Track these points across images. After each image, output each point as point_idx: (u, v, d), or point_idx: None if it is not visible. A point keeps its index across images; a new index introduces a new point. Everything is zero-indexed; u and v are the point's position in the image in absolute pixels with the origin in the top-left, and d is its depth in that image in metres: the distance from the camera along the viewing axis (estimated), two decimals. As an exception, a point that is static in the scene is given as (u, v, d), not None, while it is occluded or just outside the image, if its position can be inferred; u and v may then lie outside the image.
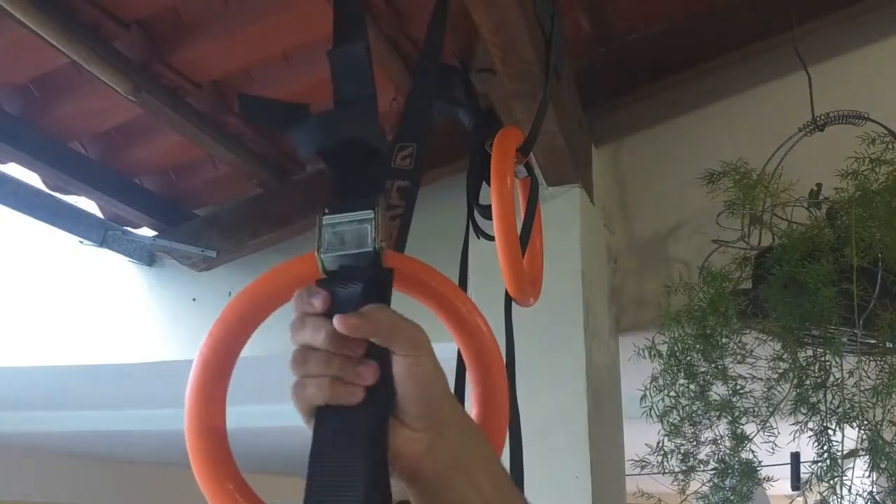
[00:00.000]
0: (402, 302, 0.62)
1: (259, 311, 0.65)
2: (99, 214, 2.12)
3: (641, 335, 1.54)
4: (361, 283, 0.59)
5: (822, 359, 1.39)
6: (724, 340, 1.46)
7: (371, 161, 0.66)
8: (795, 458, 1.57)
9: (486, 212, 1.01)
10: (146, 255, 2.26)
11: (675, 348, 1.48)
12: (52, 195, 1.96)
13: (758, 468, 1.47)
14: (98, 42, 1.44)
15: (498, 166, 1.01)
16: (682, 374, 1.47)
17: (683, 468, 1.49)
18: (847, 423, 1.34)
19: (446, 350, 0.66)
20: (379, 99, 0.69)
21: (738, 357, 1.47)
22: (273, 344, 0.81)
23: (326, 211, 0.61)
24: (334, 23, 0.69)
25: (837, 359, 1.35)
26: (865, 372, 1.37)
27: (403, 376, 0.56)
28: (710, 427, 1.48)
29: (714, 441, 1.48)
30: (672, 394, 1.47)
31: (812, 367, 1.40)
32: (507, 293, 0.99)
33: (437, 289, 0.64)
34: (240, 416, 3.31)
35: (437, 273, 0.65)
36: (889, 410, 1.34)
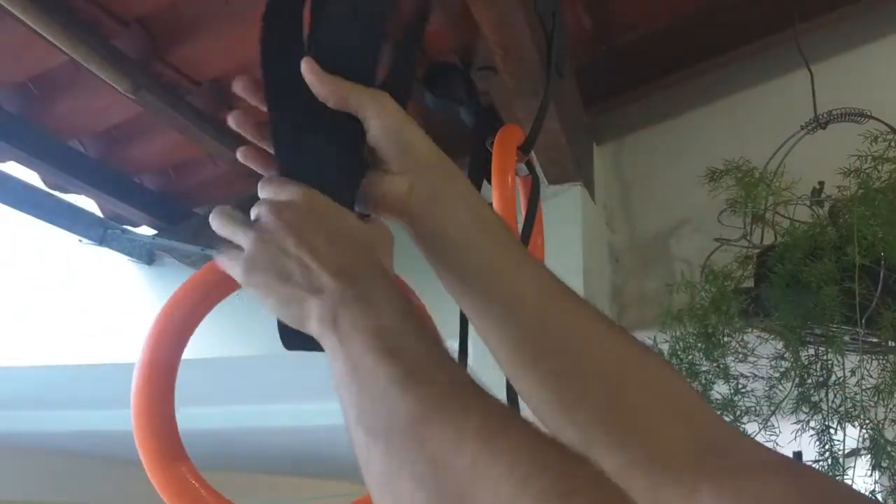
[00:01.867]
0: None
1: (199, 306, 0.68)
2: (98, 213, 2.12)
3: (643, 334, 1.53)
4: None
5: (824, 358, 1.39)
6: (725, 339, 1.46)
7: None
8: (797, 457, 1.56)
9: (488, 210, 1.01)
10: (146, 254, 2.26)
11: (677, 347, 1.47)
12: (51, 194, 1.95)
13: (760, 467, 1.47)
14: (97, 40, 1.43)
15: (499, 165, 1.00)
16: (684, 373, 1.47)
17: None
18: (849, 422, 1.34)
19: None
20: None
21: (740, 356, 1.46)
22: (266, 345, 0.81)
23: None
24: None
25: (839, 357, 1.35)
26: (867, 371, 1.36)
27: (373, 130, 0.63)
28: (712, 426, 1.47)
29: (716, 440, 1.48)
30: (674, 393, 1.47)
31: (814, 366, 1.39)
32: (508, 292, 0.99)
33: None
34: (236, 416, 3.31)
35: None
36: (891, 409, 1.33)
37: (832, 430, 1.35)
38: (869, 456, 1.33)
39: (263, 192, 0.65)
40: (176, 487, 0.63)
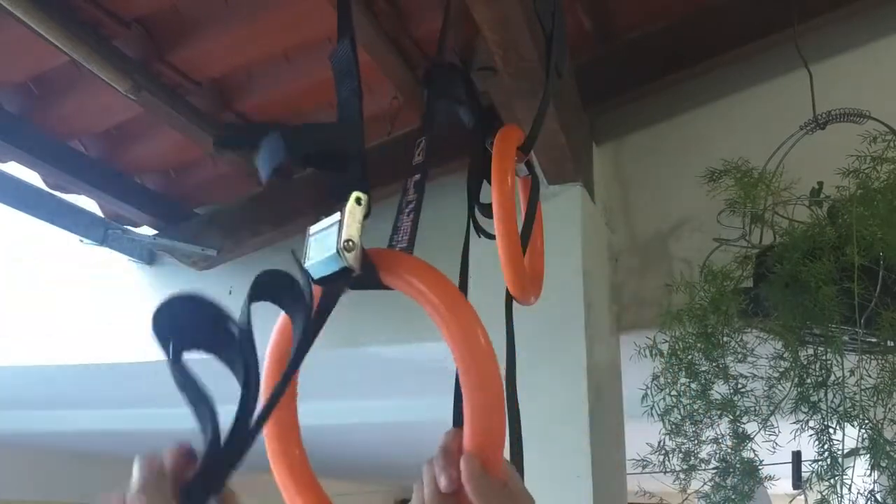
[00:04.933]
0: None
1: None
2: (99, 213, 2.12)
3: (642, 334, 1.53)
4: (338, 286, 0.62)
5: (823, 357, 1.39)
6: (725, 339, 1.46)
7: (344, 163, 0.67)
8: (796, 456, 1.56)
9: (487, 210, 1.01)
10: (146, 254, 2.26)
11: (677, 347, 1.47)
12: (52, 194, 1.96)
13: (759, 467, 1.47)
14: (98, 40, 1.43)
15: (499, 165, 1.00)
16: (684, 372, 1.47)
17: (685, 467, 1.48)
18: (848, 421, 1.34)
19: (446, 349, 0.66)
20: (379, 97, 0.70)
21: (740, 356, 1.46)
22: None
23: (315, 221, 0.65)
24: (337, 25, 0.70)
25: (838, 357, 1.35)
26: (866, 371, 1.36)
27: None
28: (712, 426, 1.47)
29: (715, 440, 1.48)
30: (673, 393, 1.47)
31: (813, 366, 1.40)
32: (507, 292, 0.99)
33: (421, 287, 0.64)
34: (229, 415, 3.31)
35: (425, 270, 0.65)
36: (890, 409, 1.33)
37: (831, 430, 1.35)
38: (868, 456, 1.33)
39: None
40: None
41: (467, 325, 0.62)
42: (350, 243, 0.61)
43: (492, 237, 1.00)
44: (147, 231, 2.17)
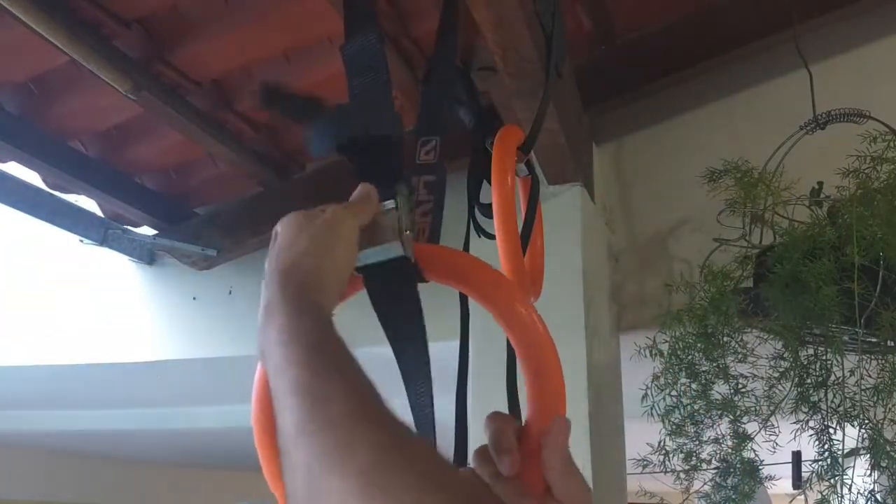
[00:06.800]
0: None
1: None
2: (99, 213, 2.12)
3: (642, 334, 1.53)
4: (393, 280, 0.60)
5: (823, 357, 1.39)
6: (725, 339, 1.46)
7: (389, 150, 0.65)
8: (796, 456, 1.56)
9: (487, 210, 1.01)
10: (146, 254, 2.26)
11: (677, 347, 1.47)
12: (52, 194, 1.96)
13: (759, 467, 1.47)
14: (98, 40, 1.43)
15: (499, 165, 1.00)
16: (684, 373, 1.47)
17: (685, 467, 1.48)
18: (848, 421, 1.34)
19: (446, 349, 0.66)
20: (379, 97, 0.70)
21: (740, 356, 1.46)
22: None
23: None
24: (345, 18, 0.69)
25: (838, 357, 1.35)
26: (866, 371, 1.36)
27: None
28: (712, 426, 1.47)
29: (716, 440, 1.48)
30: (673, 393, 1.47)
31: (813, 366, 1.40)
32: (508, 292, 0.99)
33: (471, 278, 0.64)
34: (235, 416, 3.31)
35: (474, 262, 0.65)
36: (890, 409, 1.33)
37: (831, 430, 1.35)
38: (868, 455, 1.33)
39: None
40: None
41: (524, 314, 0.64)
42: (408, 233, 0.60)
43: (492, 237, 1.00)
44: (147, 231, 2.17)
